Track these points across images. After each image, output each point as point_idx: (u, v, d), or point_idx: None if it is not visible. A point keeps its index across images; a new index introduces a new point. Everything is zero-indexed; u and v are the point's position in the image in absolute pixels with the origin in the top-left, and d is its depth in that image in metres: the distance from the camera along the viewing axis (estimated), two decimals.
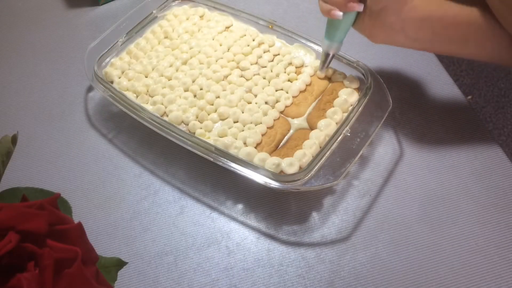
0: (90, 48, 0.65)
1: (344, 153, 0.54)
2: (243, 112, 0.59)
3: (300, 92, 0.61)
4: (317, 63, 0.63)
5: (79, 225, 0.33)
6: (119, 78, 0.63)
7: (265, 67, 0.63)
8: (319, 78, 0.62)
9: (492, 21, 0.48)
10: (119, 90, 0.60)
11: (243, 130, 0.57)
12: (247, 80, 0.62)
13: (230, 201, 0.58)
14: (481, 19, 0.48)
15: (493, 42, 0.49)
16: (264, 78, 0.62)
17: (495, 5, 0.45)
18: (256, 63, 0.64)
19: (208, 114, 0.59)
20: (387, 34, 0.50)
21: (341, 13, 0.50)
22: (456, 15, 0.48)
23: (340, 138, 0.54)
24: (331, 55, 0.58)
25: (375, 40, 0.55)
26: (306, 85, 0.61)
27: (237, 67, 0.63)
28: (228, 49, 0.65)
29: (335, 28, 0.55)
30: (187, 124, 0.58)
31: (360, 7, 0.49)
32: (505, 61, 0.52)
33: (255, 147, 0.56)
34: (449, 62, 1.57)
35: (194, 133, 0.57)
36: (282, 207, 0.57)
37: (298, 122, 0.59)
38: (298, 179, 0.51)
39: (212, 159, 0.54)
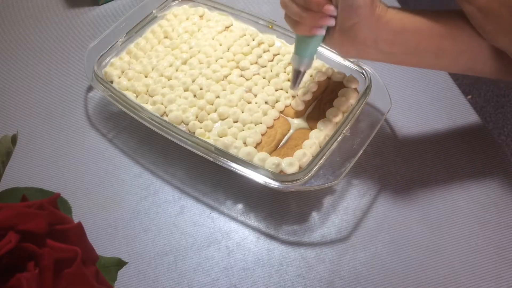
0: (90, 48, 0.65)
1: (344, 153, 0.54)
2: (243, 112, 0.59)
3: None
4: (317, 63, 0.63)
5: (79, 225, 0.33)
6: (119, 78, 0.63)
7: (265, 66, 0.63)
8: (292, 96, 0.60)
9: (467, 32, 0.46)
10: (119, 90, 0.60)
11: (243, 130, 0.57)
12: (247, 79, 0.62)
13: (230, 201, 0.58)
14: (456, 32, 0.47)
15: (468, 54, 0.48)
16: (264, 78, 0.62)
17: (472, 14, 0.43)
18: (256, 62, 0.64)
19: (208, 114, 0.59)
20: (359, 50, 0.48)
21: (324, 30, 0.48)
22: (430, 28, 0.46)
23: (340, 138, 0.54)
24: (302, 72, 0.54)
25: (346, 55, 0.54)
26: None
27: (237, 67, 0.63)
28: (228, 49, 0.65)
29: (306, 44, 0.51)
30: (187, 124, 0.58)
31: (332, 22, 0.46)
32: (480, 73, 0.51)
33: (255, 147, 0.56)
34: None
35: (194, 133, 0.57)
36: (282, 207, 0.57)
37: (298, 122, 0.59)
38: (298, 179, 0.51)
39: (212, 159, 0.54)
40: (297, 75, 0.54)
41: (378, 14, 0.45)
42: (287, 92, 0.60)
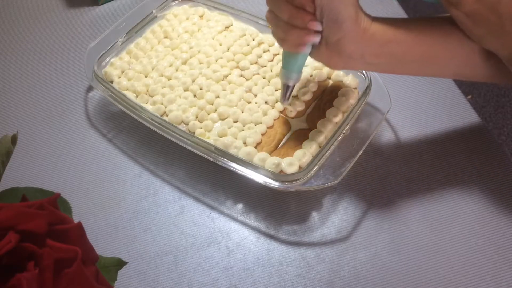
0: (90, 48, 0.65)
1: (344, 153, 0.54)
2: (243, 112, 0.59)
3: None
4: (317, 62, 0.62)
5: (79, 225, 0.33)
6: (119, 78, 0.63)
7: (265, 66, 0.63)
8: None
9: (455, 38, 0.45)
10: (119, 90, 0.60)
11: (243, 130, 0.57)
12: (247, 79, 0.62)
13: (230, 200, 0.58)
14: (444, 39, 0.46)
15: (456, 60, 0.47)
16: (264, 78, 0.62)
17: (460, 19, 0.42)
18: (256, 62, 0.64)
19: (208, 114, 0.59)
20: (346, 63, 0.47)
21: (310, 48, 0.47)
22: (417, 37, 0.46)
23: (340, 138, 0.54)
24: (291, 86, 0.53)
25: (334, 68, 0.54)
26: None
27: (237, 67, 0.63)
28: (228, 49, 0.65)
29: (294, 58, 0.50)
30: (187, 124, 0.58)
31: (317, 39, 0.46)
32: (471, 78, 0.50)
33: (255, 147, 0.56)
34: None
35: (194, 132, 0.57)
36: (282, 207, 0.57)
37: (298, 122, 0.59)
38: (298, 179, 0.52)
39: (212, 159, 0.54)
40: (286, 90, 0.54)
41: (363, 27, 0.44)
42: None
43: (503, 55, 0.43)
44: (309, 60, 0.63)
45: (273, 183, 0.51)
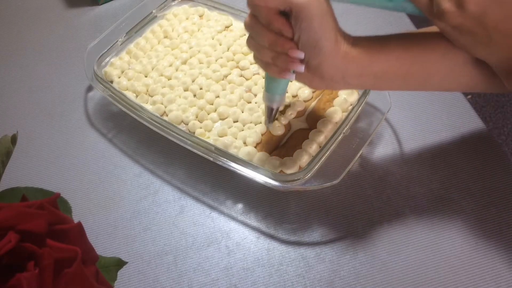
0: (89, 47, 0.65)
1: (344, 153, 0.54)
2: (243, 112, 0.59)
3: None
4: None
5: (79, 225, 0.33)
6: (119, 77, 0.63)
7: None
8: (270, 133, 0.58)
9: (438, 53, 0.45)
10: (119, 90, 0.60)
11: (243, 130, 0.57)
12: (247, 79, 0.62)
13: (230, 200, 0.58)
14: (426, 55, 0.45)
15: (439, 76, 0.47)
16: (264, 78, 0.62)
17: (447, 31, 0.42)
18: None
19: (208, 114, 0.59)
20: (328, 85, 0.47)
21: (293, 75, 0.46)
22: (398, 56, 0.45)
23: (340, 138, 0.54)
24: (275, 109, 0.53)
25: (317, 88, 0.55)
26: None
27: (237, 67, 0.63)
28: (228, 49, 0.65)
29: (277, 82, 0.50)
30: (187, 124, 0.58)
31: (300, 68, 0.44)
32: (456, 90, 0.50)
33: (255, 147, 0.56)
34: None
35: (194, 132, 0.57)
36: (282, 207, 0.57)
37: (298, 122, 0.58)
38: (298, 179, 0.52)
39: (212, 159, 0.54)
40: (270, 112, 0.54)
41: (343, 51, 0.43)
42: (287, 92, 0.60)
43: (491, 62, 0.43)
44: None
45: (273, 183, 0.51)
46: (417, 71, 0.46)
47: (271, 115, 0.54)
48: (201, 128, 0.57)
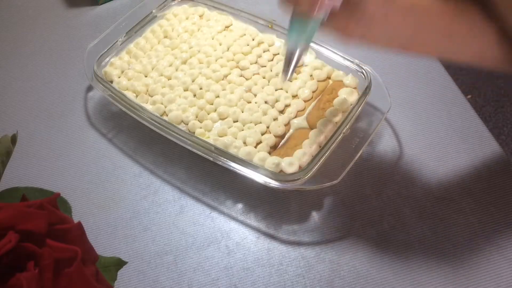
0: (89, 47, 0.65)
1: (344, 153, 0.54)
2: (242, 112, 0.59)
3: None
4: (318, 62, 0.63)
5: (79, 224, 0.33)
6: (119, 77, 0.63)
7: (265, 66, 0.63)
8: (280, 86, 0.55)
9: (479, 17, 0.43)
10: (119, 90, 0.60)
11: (242, 130, 0.57)
12: (247, 79, 0.62)
13: (230, 200, 0.58)
14: (468, 14, 0.44)
15: (480, 39, 0.45)
16: (264, 78, 0.62)
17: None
18: (256, 62, 0.64)
19: (208, 114, 0.59)
20: (365, 30, 0.42)
21: (326, 15, 0.41)
22: (441, 7, 0.42)
23: (340, 137, 0.54)
24: (296, 58, 0.45)
25: (349, 37, 0.45)
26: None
27: (237, 67, 0.63)
28: (228, 49, 0.65)
29: (303, 25, 0.42)
30: (187, 124, 0.58)
31: (338, 1, 0.40)
32: (490, 60, 0.47)
33: (255, 147, 0.56)
34: None
35: (194, 132, 0.57)
36: (282, 207, 0.57)
37: (297, 122, 0.58)
38: (298, 179, 0.51)
39: (211, 159, 0.54)
40: (289, 62, 0.46)
41: None
42: (286, 92, 0.60)
43: None
44: (309, 60, 0.64)
45: (273, 183, 0.51)
46: (460, 29, 0.44)
47: (289, 67, 0.46)
48: (201, 128, 0.57)
